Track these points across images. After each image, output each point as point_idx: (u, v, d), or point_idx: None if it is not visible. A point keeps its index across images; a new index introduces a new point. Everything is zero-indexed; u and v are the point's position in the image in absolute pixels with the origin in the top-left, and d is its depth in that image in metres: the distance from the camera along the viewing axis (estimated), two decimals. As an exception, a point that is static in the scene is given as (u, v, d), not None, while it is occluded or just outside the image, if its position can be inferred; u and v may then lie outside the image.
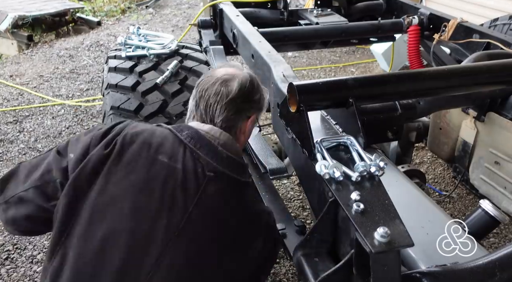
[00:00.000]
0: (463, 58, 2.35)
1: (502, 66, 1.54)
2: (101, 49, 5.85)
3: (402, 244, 0.90)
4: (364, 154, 1.16)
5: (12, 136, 3.76)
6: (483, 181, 2.00)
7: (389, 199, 1.03)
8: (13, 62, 5.64)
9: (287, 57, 5.40)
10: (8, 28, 6.18)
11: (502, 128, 1.85)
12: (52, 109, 4.26)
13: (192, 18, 7.26)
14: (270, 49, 1.97)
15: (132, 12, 8.04)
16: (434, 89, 1.49)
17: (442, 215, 1.38)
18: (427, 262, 1.16)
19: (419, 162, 3.41)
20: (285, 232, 1.48)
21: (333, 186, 1.07)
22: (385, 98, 1.45)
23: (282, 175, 1.64)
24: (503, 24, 2.79)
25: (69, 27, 7.01)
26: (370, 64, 5.34)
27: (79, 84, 4.81)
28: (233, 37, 2.51)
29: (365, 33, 2.92)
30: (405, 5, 3.03)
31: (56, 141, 3.69)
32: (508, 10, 4.00)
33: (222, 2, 2.86)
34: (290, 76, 1.63)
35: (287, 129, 1.41)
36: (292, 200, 2.97)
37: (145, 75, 2.04)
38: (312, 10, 3.07)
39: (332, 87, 1.31)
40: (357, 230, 0.93)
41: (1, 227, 2.74)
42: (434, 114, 2.19)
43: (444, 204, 2.94)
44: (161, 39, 2.46)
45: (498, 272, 1.01)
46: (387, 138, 1.48)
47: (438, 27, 2.63)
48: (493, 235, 2.67)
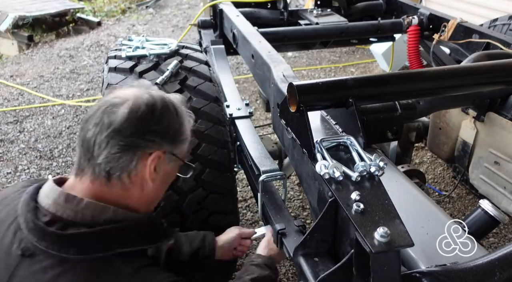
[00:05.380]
0: (462, 58, 2.35)
1: (501, 66, 1.54)
2: (101, 49, 5.85)
3: (402, 244, 0.90)
4: (364, 154, 1.16)
5: (12, 136, 3.76)
6: (483, 181, 2.00)
7: (389, 199, 1.03)
8: (14, 62, 5.64)
9: (287, 57, 5.40)
10: (9, 28, 6.18)
11: (502, 129, 1.85)
12: (53, 109, 4.26)
13: (192, 18, 7.26)
14: (270, 49, 1.97)
15: (132, 12, 8.04)
16: (434, 89, 1.49)
17: (442, 215, 1.38)
18: (427, 262, 1.16)
19: (419, 162, 3.41)
20: (285, 232, 1.48)
21: (333, 186, 1.07)
22: (385, 98, 1.45)
23: (275, 177, 1.63)
24: (503, 25, 2.79)
25: (69, 27, 7.00)
26: (370, 64, 5.34)
27: (79, 84, 4.81)
28: (233, 37, 2.51)
29: (365, 33, 2.93)
30: (404, 5, 3.04)
31: (56, 140, 3.70)
32: (507, 10, 4.00)
33: (222, 2, 2.86)
34: (290, 76, 1.63)
35: (287, 129, 1.41)
36: (292, 200, 2.97)
37: (145, 75, 2.04)
38: (312, 10, 3.07)
39: (332, 87, 1.31)
40: (357, 230, 0.93)
41: (1, 227, 2.75)
42: (434, 114, 2.19)
43: (444, 204, 2.94)
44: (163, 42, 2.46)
45: (498, 272, 1.01)
46: (387, 138, 1.49)
47: (438, 27, 2.63)
48: (493, 235, 2.67)
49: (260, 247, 1.56)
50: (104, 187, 1.03)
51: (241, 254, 1.67)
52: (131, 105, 1.01)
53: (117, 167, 1.00)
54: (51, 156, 3.49)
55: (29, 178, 3.21)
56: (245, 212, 2.86)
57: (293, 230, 1.50)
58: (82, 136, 1.02)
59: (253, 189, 1.78)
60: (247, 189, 3.03)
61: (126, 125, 0.99)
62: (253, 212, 2.84)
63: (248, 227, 1.85)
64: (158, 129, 1.04)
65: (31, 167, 3.34)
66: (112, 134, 0.99)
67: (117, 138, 0.99)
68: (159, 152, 1.04)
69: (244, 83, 4.80)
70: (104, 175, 1.01)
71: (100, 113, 1.00)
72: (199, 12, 3.00)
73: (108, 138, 0.99)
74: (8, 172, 3.28)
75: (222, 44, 2.73)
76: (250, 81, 4.78)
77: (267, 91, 1.85)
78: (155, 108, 1.03)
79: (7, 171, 3.29)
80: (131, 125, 1.00)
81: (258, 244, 1.60)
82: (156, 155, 1.04)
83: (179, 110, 1.10)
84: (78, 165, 1.04)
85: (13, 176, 3.25)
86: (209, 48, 2.69)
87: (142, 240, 1.05)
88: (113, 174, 1.01)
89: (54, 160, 3.45)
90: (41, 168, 3.33)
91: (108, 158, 0.99)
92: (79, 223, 0.98)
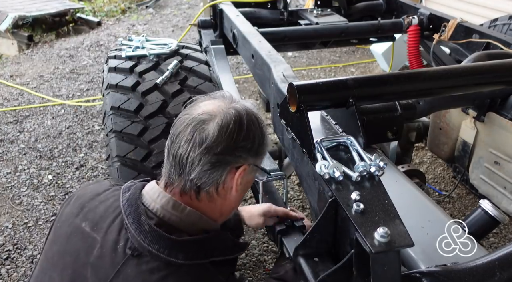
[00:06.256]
0: (462, 58, 2.35)
1: (501, 66, 1.54)
2: (101, 49, 5.85)
3: (402, 244, 0.90)
4: (364, 154, 1.16)
5: (12, 136, 3.76)
6: (483, 180, 2.00)
7: (389, 199, 1.03)
8: (13, 62, 5.64)
9: (287, 57, 5.40)
10: (9, 28, 6.18)
11: (502, 129, 1.85)
12: (52, 109, 4.26)
13: (192, 18, 7.26)
14: (270, 49, 1.97)
15: (132, 12, 8.04)
16: (434, 89, 1.49)
17: (442, 215, 1.38)
18: (427, 262, 1.16)
19: (419, 162, 3.41)
20: (285, 232, 1.48)
21: (333, 186, 1.07)
22: (385, 98, 1.45)
23: (275, 177, 1.63)
24: (503, 24, 2.79)
25: (69, 27, 7.01)
26: (370, 64, 5.34)
27: (79, 84, 4.81)
28: (233, 37, 2.51)
29: (365, 33, 2.93)
30: (405, 5, 3.04)
31: (56, 140, 3.70)
32: (508, 10, 4.01)
33: (222, 2, 2.86)
34: (290, 76, 1.63)
35: (287, 129, 1.41)
36: (292, 200, 2.97)
37: (145, 75, 2.04)
38: (312, 10, 3.07)
39: (332, 87, 1.31)
40: (357, 230, 0.93)
41: (1, 226, 2.74)
42: (434, 114, 2.19)
43: (444, 204, 2.94)
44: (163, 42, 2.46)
45: (498, 272, 1.01)
46: (387, 138, 1.49)
47: (438, 27, 2.63)
48: (493, 235, 2.67)
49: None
50: (193, 200, 1.08)
51: (270, 223, 1.55)
52: (220, 123, 1.03)
53: (208, 182, 1.05)
54: (51, 156, 3.49)
55: (28, 178, 3.22)
56: (245, 212, 2.86)
57: (293, 230, 1.50)
58: (174, 151, 1.05)
59: (253, 189, 1.78)
60: (247, 189, 3.02)
61: (217, 142, 1.02)
62: (253, 212, 2.84)
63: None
64: (246, 144, 1.07)
65: (31, 167, 3.34)
66: (204, 152, 1.02)
67: (209, 155, 1.02)
68: (245, 166, 1.09)
69: (244, 83, 4.80)
70: (195, 189, 1.06)
71: (191, 129, 1.03)
72: (199, 12, 3.00)
73: (200, 156, 1.02)
74: (8, 172, 3.28)
75: (222, 44, 2.73)
76: (250, 81, 4.78)
77: (267, 91, 1.85)
78: (242, 124, 1.06)
79: (7, 171, 3.29)
80: (222, 142, 1.03)
81: None
82: (243, 168, 1.08)
83: (261, 122, 1.13)
84: (168, 178, 1.08)
85: (13, 176, 3.25)
86: (209, 48, 2.69)
87: (228, 249, 1.11)
88: (203, 188, 1.06)
89: (54, 160, 3.45)
90: (41, 168, 3.33)
91: (200, 174, 1.03)
92: (181, 229, 1.04)
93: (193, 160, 1.02)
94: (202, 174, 1.03)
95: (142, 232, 1.00)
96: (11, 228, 2.75)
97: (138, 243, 0.99)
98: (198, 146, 1.02)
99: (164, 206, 1.05)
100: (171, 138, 1.07)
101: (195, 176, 1.03)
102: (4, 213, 2.88)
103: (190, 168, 1.03)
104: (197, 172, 1.03)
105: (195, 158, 1.02)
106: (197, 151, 1.02)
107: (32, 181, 3.18)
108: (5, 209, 2.91)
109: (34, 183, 3.16)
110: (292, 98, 1.26)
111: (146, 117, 1.91)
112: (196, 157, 1.02)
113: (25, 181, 3.18)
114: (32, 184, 3.15)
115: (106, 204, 1.10)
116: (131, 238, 1.00)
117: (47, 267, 1.10)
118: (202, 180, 1.04)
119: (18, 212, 2.88)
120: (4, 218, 2.83)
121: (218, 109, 1.06)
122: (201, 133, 1.02)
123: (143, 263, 0.98)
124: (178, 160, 1.04)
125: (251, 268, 2.45)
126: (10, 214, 2.86)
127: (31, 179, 3.20)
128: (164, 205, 1.05)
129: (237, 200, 1.15)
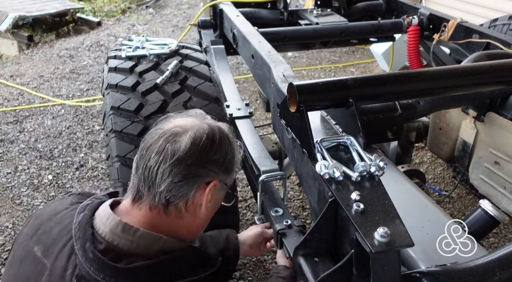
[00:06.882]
0: (462, 58, 2.35)
1: (501, 66, 1.54)
2: (101, 50, 5.85)
3: (402, 244, 0.90)
4: (364, 154, 1.16)
5: (12, 136, 3.76)
6: (483, 180, 2.00)
7: (389, 199, 1.03)
8: (14, 62, 5.64)
9: (287, 57, 5.40)
10: (9, 28, 6.18)
11: (502, 129, 1.85)
12: (53, 109, 4.26)
13: (192, 18, 7.26)
14: (270, 49, 1.97)
15: (132, 12, 8.04)
16: (434, 89, 1.48)
17: (442, 215, 1.38)
18: (427, 262, 1.16)
19: (419, 162, 3.41)
20: (285, 232, 1.48)
21: (333, 186, 1.07)
22: (385, 98, 1.45)
23: (275, 177, 1.63)
24: (503, 24, 2.79)
25: (69, 27, 7.01)
26: (370, 64, 5.34)
27: (79, 85, 4.81)
28: (233, 37, 2.51)
29: (365, 33, 2.93)
30: (405, 5, 3.04)
31: (56, 140, 3.70)
32: (507, 10, 4.00)
33: (222, 2, 2.86)
34: (290, 76, 1.63)
35: (287, 129, 1.41)
36: (292, 200, 2.97)
37: (145, 75, 2.04)
38: (312, 10, 3.07)
39: (332, 87, 1.31)
40: (357, 230, 0.93)
41: (1, 226, 2.74)
42: (434, 114, 2.19)
43: (444, 204, 2.94)
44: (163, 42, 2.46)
45: (498, 272, 1.01)
46: (387, 138, 1.49)
47: (438, 27, 2.63)
48: (493, 235, 2.67)
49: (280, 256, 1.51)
50: (161, 215, 1.05)
51: (265, 251, 1.60)
52: (193, 135, 1.03)
53: (177, 195, 1.03)
54: (51, 156, 3.49)
55: (29, 178, 3.22)
56: (245, 212, 2.86)
57: (293, 230, 1.50)
58: (144, 164, 1.03)
59: (253, 189, 1.78)
60: (247, 189, 3.03)
61: (189, 154, 1.01)
62: (253, 212, 2.84)
63: (248, 226, 1.86)
64: (217, 159, 1.07)
65: (31, 167, 3.34)
66: (175, 163, 1.00)
67: (180, 167, 1.01)
68: (216, 181, 1.08)
69: (244, 83, 4.80)
70: (164, 202, 1.03)
71: (163, 141, 1.02)
72: (199, 12, 3.00)
73: (171, 167, 1.00)
74: (8, 172, 3.28)
75: (222, 44, 2.73)
76: (250, 81, 4.78)
77: (267, 91, 1.85)
78: (215, 139, 1.07)
79: (7, 171, 3.29)
80: (194, 155, 1.02)
81: None
82: (214, 183, 1.07)
83: (232, 142, 1.14)
84: (136, 192, 1.05)
85: (13, 176, 3.25)
86: (209, 48, 2.69)
87: (191, 270, 1.06)
88: (172, 202, 1.03)
89: (54, 160, 3.45)
90: (41, 168, 3.33)
91: (170, 186, 1.01)
92: (132, 253, 0.99)
93: (164, 171, 1.00)
94: (172, 186, 1.01)
95: (87, 259, 0.95)
96: (11, 228, 2.75)
97: (85, 271, 0.95)
98: (169, 157, 1.00)
99: (113, 229, 1.00)
100: (141, 152, 1.05)
101: (164, 188, 1.01)
102: (4, 213, 2.88)
103: (160, 180, 1.01)
104: (167, 183, 1.01)
105: (165, 169, 1.00)
106: (168, 162, 1.00)
107: (32, 181, 3.19)
108: (5, 209, 2.92)
109: (34, 183, 3.16)
110: (292, 98, 1.26)
111: (146, 117, 1.91)
112: (167, 168, 1.00)
113: (25, 181, 3.18)
114: (32, 184, 3.15)
115: (60, 226, 1.06)
116: (79, 265, 0.96)
117: None
118: (172, 192, 1.02)
119: (18, 212, 2.88)
120: (4, 218, 2.83)
121: (192, 124, 1.07)
122: (173, 145, 1.01)
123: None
124: (148, 172, 1.02)
125: (251, 268, 2.45)
126: (10, 214, 2.87)
127: (31, 179, 3.21)
128: (113, 228, 1.00)
129: (206, 218, 1.13)
